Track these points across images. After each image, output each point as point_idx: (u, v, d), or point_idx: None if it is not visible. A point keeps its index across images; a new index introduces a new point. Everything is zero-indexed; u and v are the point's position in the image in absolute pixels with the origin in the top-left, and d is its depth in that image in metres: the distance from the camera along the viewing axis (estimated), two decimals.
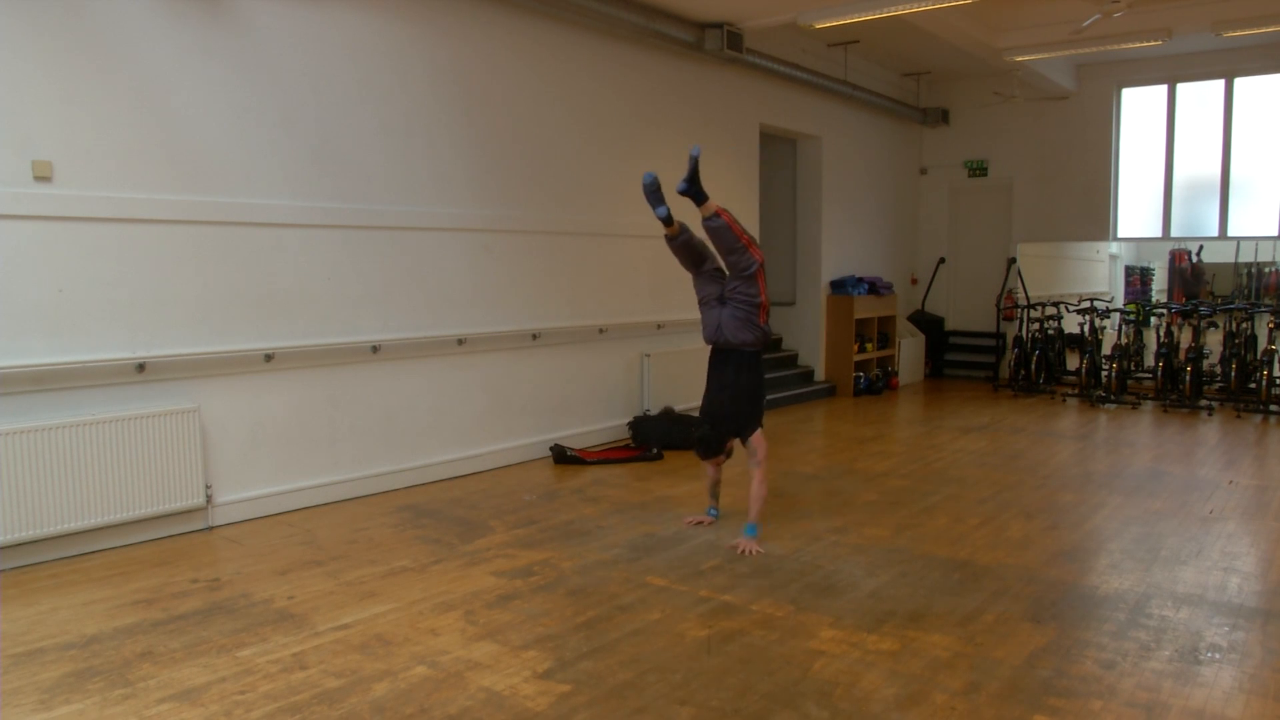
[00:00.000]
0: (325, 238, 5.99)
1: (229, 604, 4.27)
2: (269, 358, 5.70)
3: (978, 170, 12.71)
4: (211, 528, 5.47)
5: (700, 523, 5.51)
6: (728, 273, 5.31)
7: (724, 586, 4.44)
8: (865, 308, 11.20)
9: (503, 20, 7.04)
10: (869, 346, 11.43)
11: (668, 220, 5.26)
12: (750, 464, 5.22)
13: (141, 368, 5.14)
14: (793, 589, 4.40)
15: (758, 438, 5.22)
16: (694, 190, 5.18)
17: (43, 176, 4.79)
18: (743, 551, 4.92)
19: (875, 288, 11.40)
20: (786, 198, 11.26)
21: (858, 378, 11.11)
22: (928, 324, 12.84)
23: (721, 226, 5.16)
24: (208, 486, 5.42)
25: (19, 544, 4.73)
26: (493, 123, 7.03)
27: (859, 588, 4.42)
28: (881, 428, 8.97)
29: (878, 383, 11.31)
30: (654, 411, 8.28)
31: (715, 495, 5.65)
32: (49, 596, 4.37)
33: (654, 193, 5.23)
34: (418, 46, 6.48)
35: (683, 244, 5.35)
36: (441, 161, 6.67)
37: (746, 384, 5.24)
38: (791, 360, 11.18)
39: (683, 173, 5.23)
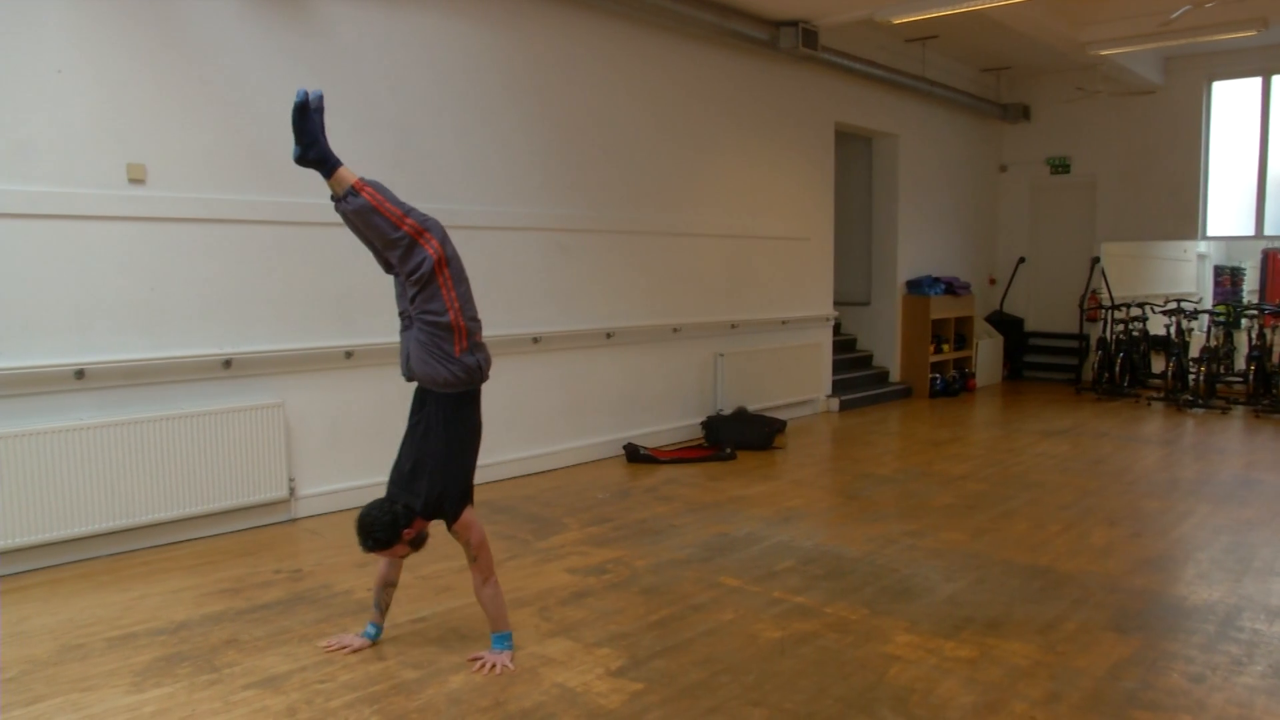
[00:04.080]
0: None
1: (310, 594, 4.37)
2: (349, 355, 5.82)
3: (1060, 167, 12.41)
4: (294, 520, 5.61)
5: (345, 648, 3.74)
6: (401, 276, 3.61)
7: (798, 588, 4.41)
8: (942, 308, 11.02)
9: (578, 21, 7.09)
10: (945, 348, 11.24)
11: (317, 163, 3.47)
12: (467, 558, 3.70)
13: (228, 364, 5.29)
14: (867, 592, 4.36)
15: (466, 521, 3.60)
16: (311, 153, 3.44)
17: (136, 179, 4.96)
18: (491, 668, 3.53)
19: (952, 288, 11.21)
20: (862, 197, 11.13)
21: (934, 379, 10.94)
22: (1007, 325, 12.58)
23: (362, 209, 3.44)
24: (291, 479, 5.56)
25: (113, 532, 4.91)
26: (568, 122, 7.08)
27: (935, 592, 4.35)
28: (958, 430, 8.82)
29: (954, 384, 11.12)
30: (727, 411, 8.26)
31: (380, 605, 3.82)
32: (140, 583, 4.52)
33: (300, 117, 3.42)
34: (494, 48, 6.55)
35: (353, 213, 3.50)
36: (517, 161, 6.74)
37: (440, 439, 3.59)
38: (866, 361, 11.06)
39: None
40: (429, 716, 3.19)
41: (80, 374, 4.81)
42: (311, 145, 3.45)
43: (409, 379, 3.72)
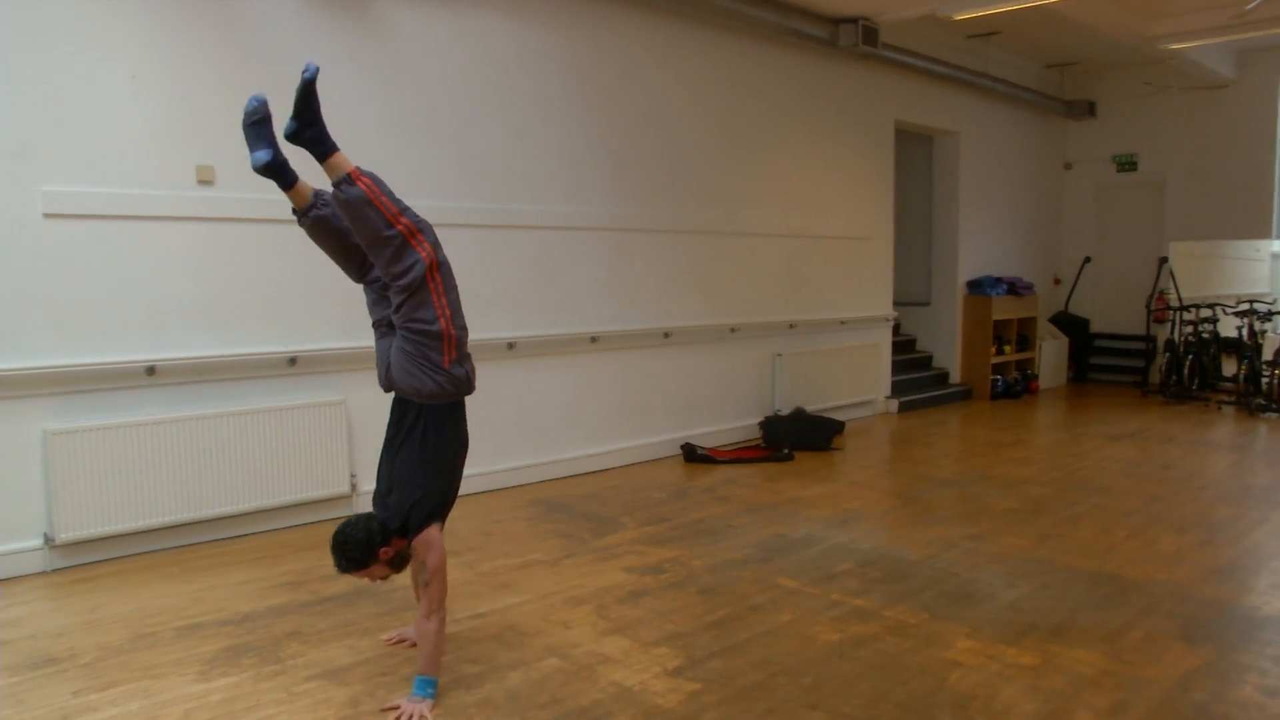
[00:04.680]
0: (463, 236, 6.15)
1: (372, 589, 4.43)
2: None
3: (1127, 165, 12.14)
4: None
5: (405, 641, 3.78)
6: (386, 280, 3.35)
7: (856, 591, 4.37)
8: (1004, 309, 10.85)
9: (638, 21, 7.10)
10: (1008, 349, 11.06)
11: (276, 173, 3.35)
12: (420, 579, 3.48)
13: (293, 361, 5.40)
14: (927, 596, 4.30)
15: (429, 535, 3.31)
16: (309, 133, 3.25)
17: (205, 180, 5.08)
18: (409, 717, 3.15)
19: (1015, 288, 11.03)
20: (922, 195, 11.00)
21: (995, 381, 10.77)
22: (1071, 326, 12.33)
23: (356, 200, 3.19)
24: (352, 475, 5.65)
25: (181, 524, 5.04)
26: (627, 122, 7.10)
27: (997, 598, 4.29)
28: (1020, 433, 8.67)
29: (1016, 386, 10.94)
30: (785, 412, 8.22)
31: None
32: (206, 575, 4.63)
33: (254, 125, 3.33)
34: (554, 49, 6.59)
35: (316, 224, 3.41)
36: (576, 161, 6.77)
37: (418, 451, 3.35)
38: (926, 362, 10.92)
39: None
40: (487, 711, 3.22)
41: (151, 370, 4.94)
42: (312, 123, 3.25)
43: (387, 389, 3.46)
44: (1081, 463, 7.25)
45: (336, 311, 5.60)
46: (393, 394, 3.47)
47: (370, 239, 3.24)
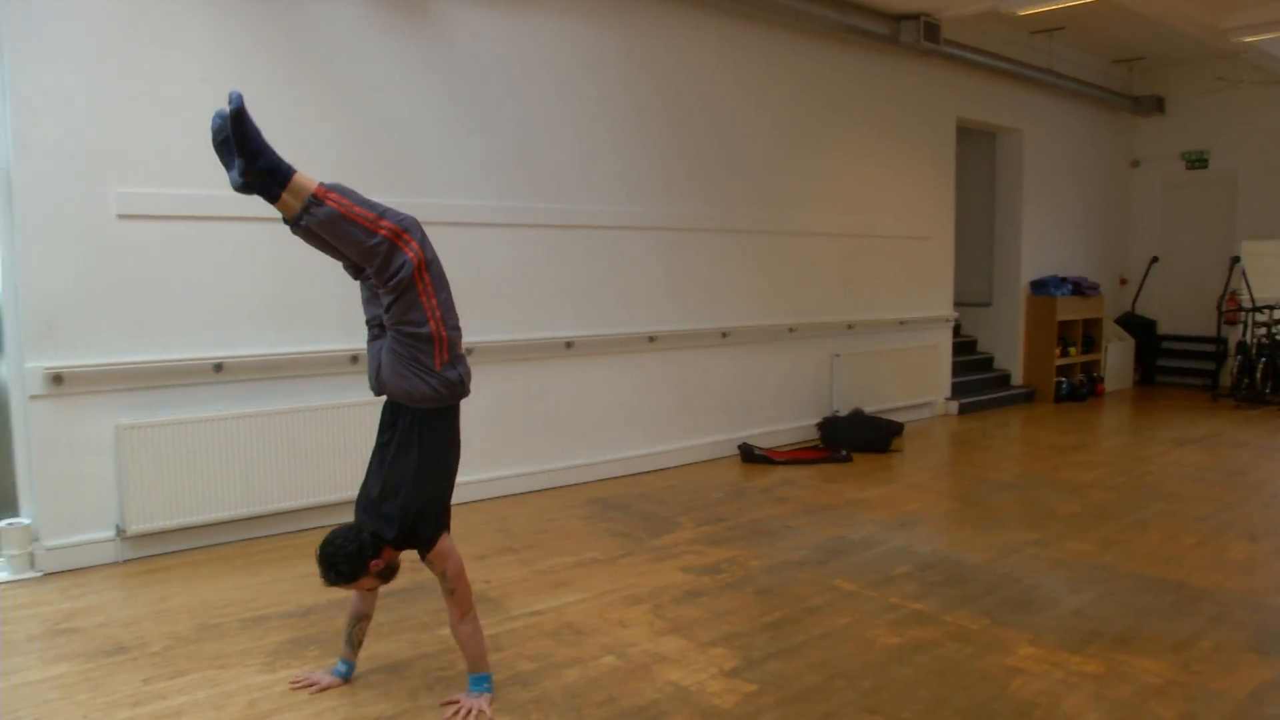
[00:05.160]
0: (523, 236, 6.21)
1: (431, 584, 4.45)
2: (469, 352, 5.94)
3: (1197, 162, 11.83)
4: None
5: (313, 686, 3.40)
6: (375, 284, 3.21)
7: (915, 595, 4.32)
8: (1068, 309, 10.64)
9: (696, 20, 7.09)
10: (1072, 350, 10.85)
11: (267, 173, 3.02)
12: (443, 591, 3.31)
13: (355, 359, 5.48)
14: (988, 601, 4.24)
15: (443, 547, 3.25)
16: (260, 163, 2.98)
17: None
18: (468, 713, 3.17)
19: (1080, 288, 10.81)
20: (984, 194, 10.83)
21: (1059, 383, 10.57)
22: (1138, 327, 12.05)
23: (330, 219, 3.00)
24: None
25: (246, 518, 5.15)
26: (686, 122, 7.09)
27: (1061, 604, 4.21)
28: (1085, 436, 8.50)
29: (1081, 388, 10.73)
30: (843, 412, 8.15)
31: (351, 641, 3.48)
32: (271, 568, 4.72)
33: (224, 144, 3.00)
34: (613, 49, 6.61)
35: (308, 233, 3.12)
36: (636, 161, 6.79)
37: (414, 459, 3.20)
38: (987, 363, 10.76)
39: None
40: (545, 708, 3.24)
41: (219, 367, 5.05)
42: (258, 155, 2.97)
43: (378, 393, 3.32)
44: (1148, 467, 7.09)
45: None
46: (385, 397, 3.31)
47: (357, 252, 3.08)
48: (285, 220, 3.12)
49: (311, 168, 5.30)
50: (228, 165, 3.03)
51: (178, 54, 4.89)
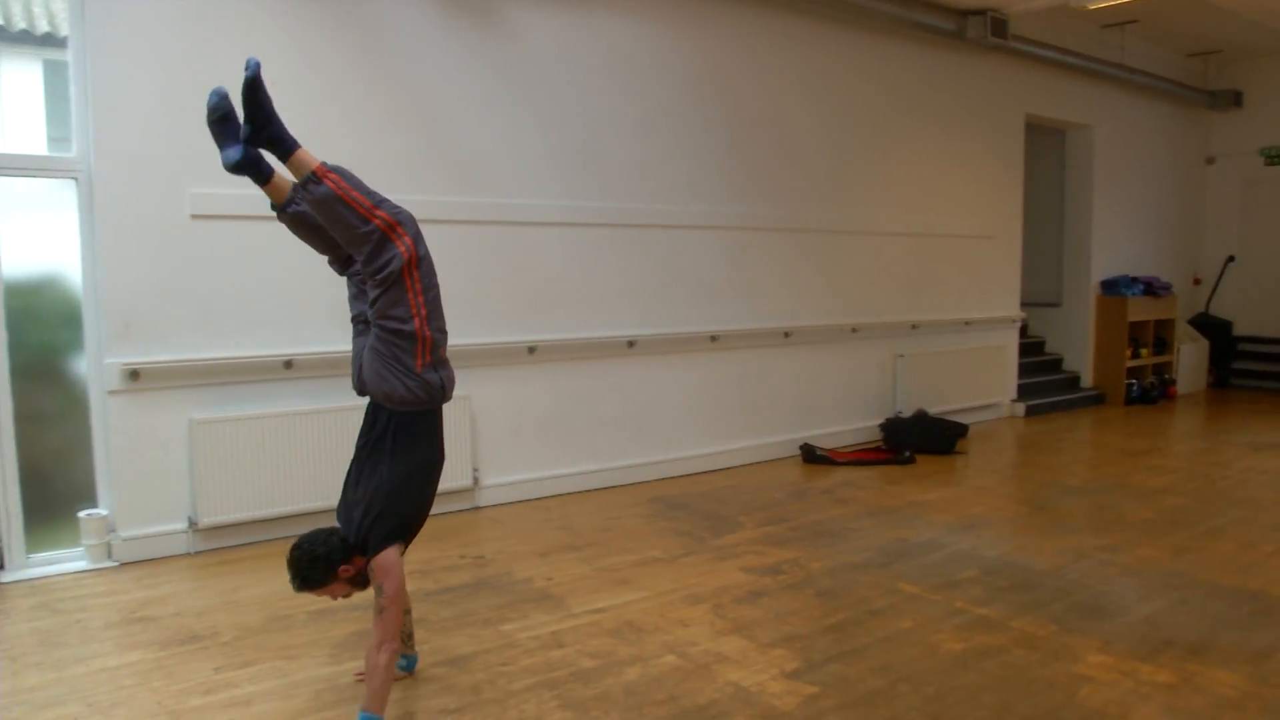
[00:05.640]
0: (587, 235, 6.24)
1: (493, 580, 4.53)
2: (532, 350, 6.00)
3: (1276, 158, 11.45)
4: (477, 508, 5.84)
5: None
6: (365, 275, 3.10)
7: (981, 600, 4.26)
8: (1140, 310, 10.39)
9: (759, 18, 7.06)
10: (1143, 352, 10.59)
11: (249, 170, 3.11)
12: (375, 609, 3.05)
13: None
14: (1056, 608, 4.16)
15: (387, 559, 3.05)
16: (266, 133, 3.01)
17: None
18: None
19: (1151, 288, 10.55)
20: (1053, 192, 10.62)
21: (1130, 385, 10.32)
22: (1213, 328, 11.72)
23: (325, 199, 2.96)
24: (475, 469, 5.79)
25: (315, 512, 5.23)
26: (748, 120, 7.07)
27: (1131, 612, 4.11)
28: (1157, 440, 8.29)
29: (1152, 391, 10.46)
30: (907, 414, 8.05)
31: (404, 637, 3.44)
32: None
33: (219, 122, 3.09)
34: (675, 47, 6.61)
35: (295, 219, 3.19)
36: (698, 159, 6.78)
37: (386, 463, 3.10)
38: (1055, 365, 10.55)
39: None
40: (606, 706, 3.25)
41: (289, 364, 5.16)
42: (267, 123, 2.99)
43: (360, 393, 3.24)
44: (1223, 473, 6.89)
45: (461, 309, 5.72)
46: (368, 399, 3.23)
47: (348, 237, 3.02)
48: (273, 207, 3.12)
49: (378, 167, 5.43)
50: (222, 145, 3.06)
51: (247, 58, 4.99)
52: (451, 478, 5.65)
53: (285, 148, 2.99)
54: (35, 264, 4.78)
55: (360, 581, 3.14)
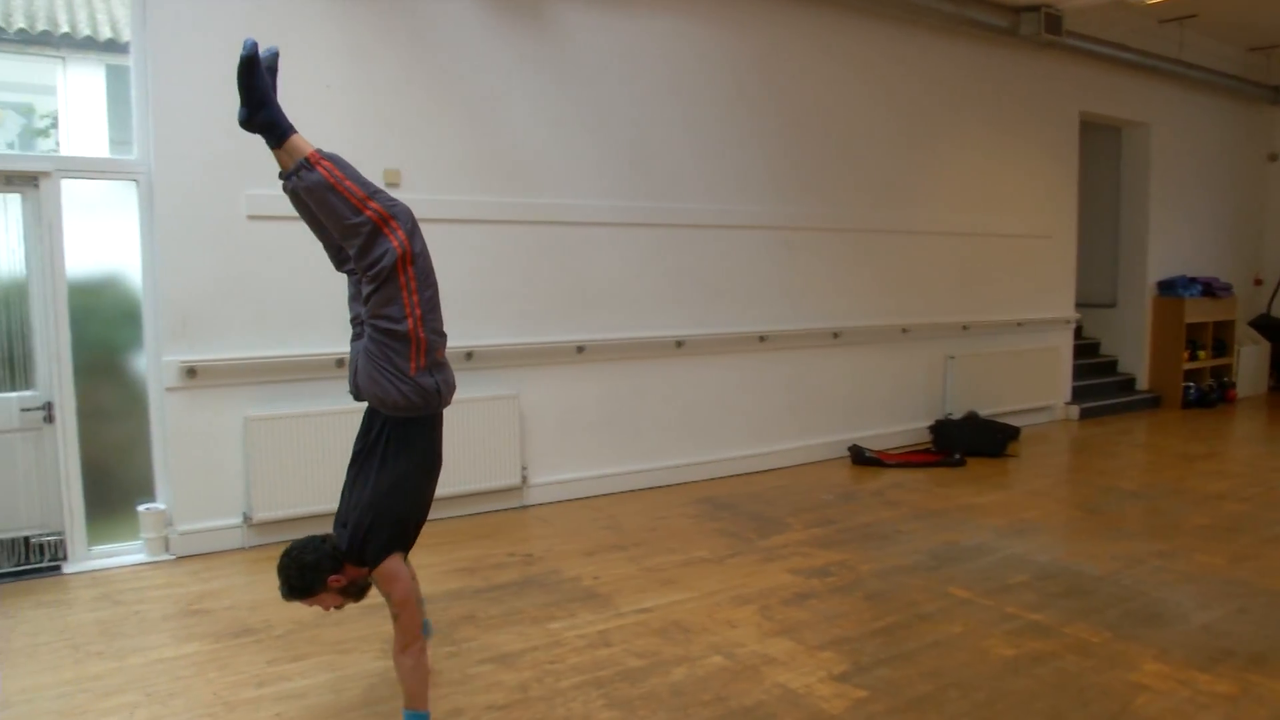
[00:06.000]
0: (635, 236, 6.26)
1: (541, 579, 4.56)
2: (581, 349, 6.03)
3: None
4: (525, 507, 5.87)
5: None
6: (358, 271, 3.00)
7: (1033, 605, 4.20)
8: (1198, 311, 10.17)
9: (810, 17, 7.02)
10: (1201, 354, 10.37)
11: (266, 128, 2.94)
12: (391, 615, 3.02)
13: (470, 355, 5.60)
14: (1111, 614, 4.08)
15: (390, 568, 2.97)
16: (261, 116, 2.92)
17: (392, 183, 5.33)
18: None
19: (1210, 289, 10.32)
20: (1108, 191, 10.43)
21: (1187, 388, 10.11)
22: (1275, 330, 11.44)
23: (316, 186, 2.87)
24: (523, 468, 5.83)
25: None
26: (797, 119, 7.03)
27: (1189, 620, 4.03)
28: (1215, 444, 8.11)
29: (1211, 394, 10.24)
30: (957, 416, 7.96)
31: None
32: None
33: (248, 73, 2.92)
34: (725, 48, 6.60)
35: (296, 196, 3.01)
36: (748, 159, 6.76)
37: (379, 469, 3.02)
38: (1110, 367, 10.36)
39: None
40: (652, 705, 3.25)
41: (340, 362, 5.22)
42: (261, 106, 2.90)
43: (357, 397, 3.09)
44: None
45: (511, 308, 5.78)
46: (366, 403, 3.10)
47: (339, 228, 2.90)
48: (280, 176, 2.98)
49: (431, 167, 5.51)
50: (243, 101, 2.95)
51: (305, 63, 5.07)
52: (500, 476, 5.71)
53: (279, 132, 2.91)
54: (97, 264, 4.90)
55: (353, 592, 3.06)
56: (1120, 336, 10.44)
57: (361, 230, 2.87)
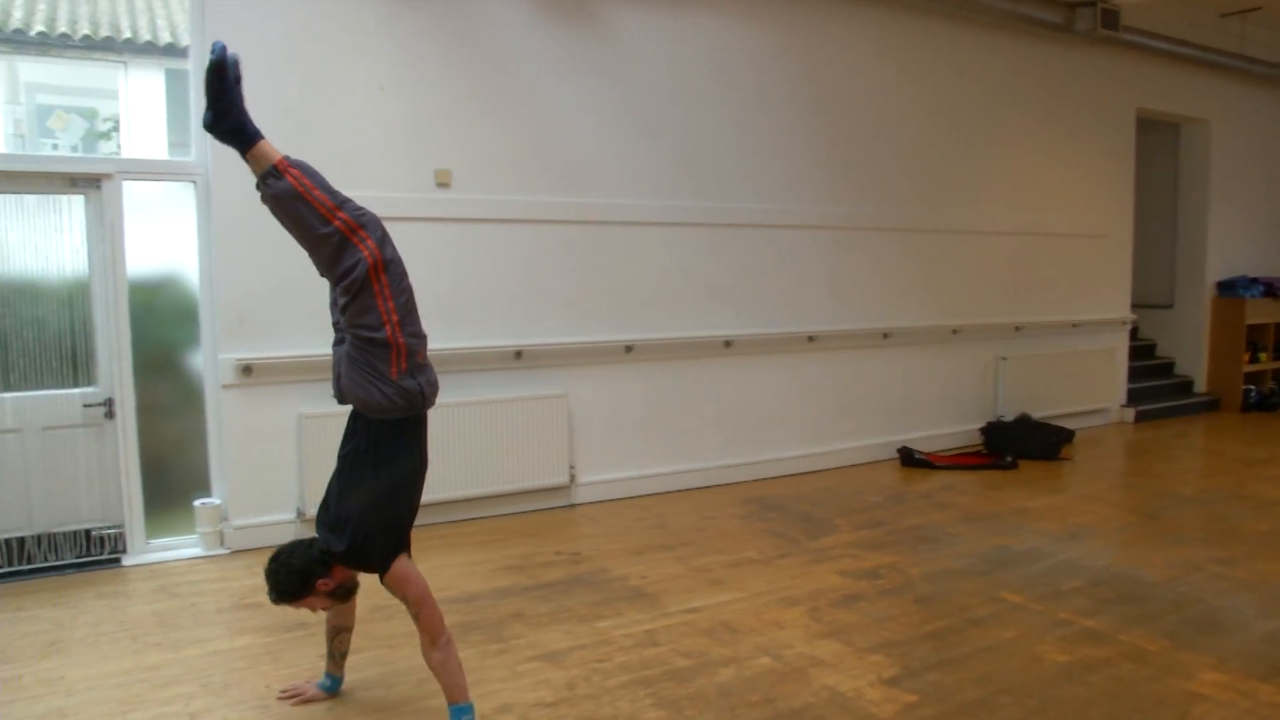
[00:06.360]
0: (684, 235, 6.25)
1: (589, 577, 4.58)
2: (629, 349, 6.04)
3: None
4: (573, 505, 5.90)
5: (299, 697, 3.34)
6: (330, 281, 3.00)
7: (1087, 611, 4.13)
8: (1260, 312, 9.92)
9: (859, 14, 6.97)
10: (1263, 356, 10.11)
11: (232, 134, 2.86)
12: (411, 616, 3.06)
13: (519, 355, 5.64)
14: (1168, 622, 4.00)
15: (400, 571, 3.02)
16: (227, 122, 2.84)
17: (443, 184, 5.39)
18: None
19: (1272, 289, 10.06)
20: (1166, 189, 10.22)
21: (1247, 391, 9.87)
22: None
23: (284, 195, 2.83)
24: (571, 466, 5.85)
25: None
26: (847, 118, 6.98)
27: (1249, 629, 3.93)
28: (1276, 449, 7.91)
29: (1272, 398, 9.98)
30: (1009, 418, 7.85)
31: (333, 653, 3.39)
32: (439, 555, 4.91)
33: (217, 77, 2.80)
34: (774, 45, 6.57)
35: (273, 199, 2.87)
36: (796, 158, 6.72)
37: (369, 473, 3.02)
38: (1167, 369, 10.15)
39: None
40: (699, 705, 3.25)
41: None
42: (227, 112, 2.83)
43: (340, 401, 3.10)
44: None
45: (559, 308, 5.81)
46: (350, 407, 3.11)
47: (306, 238, 2.87)
48: (256, 187, 2.91)
49: (481, 167, 5.55)
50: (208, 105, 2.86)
51: (358, 66, 5.15)
52: (548, 475, 5.73)
53: (245, 138, 2.85)
54: (157, 263, 5.01)
55: (340, 594, 3.11)
56: (1178, 338, 10.23)
57: (330, 240, 2.85)
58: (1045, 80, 8.25)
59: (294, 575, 3.02)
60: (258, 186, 2.88)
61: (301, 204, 2.82)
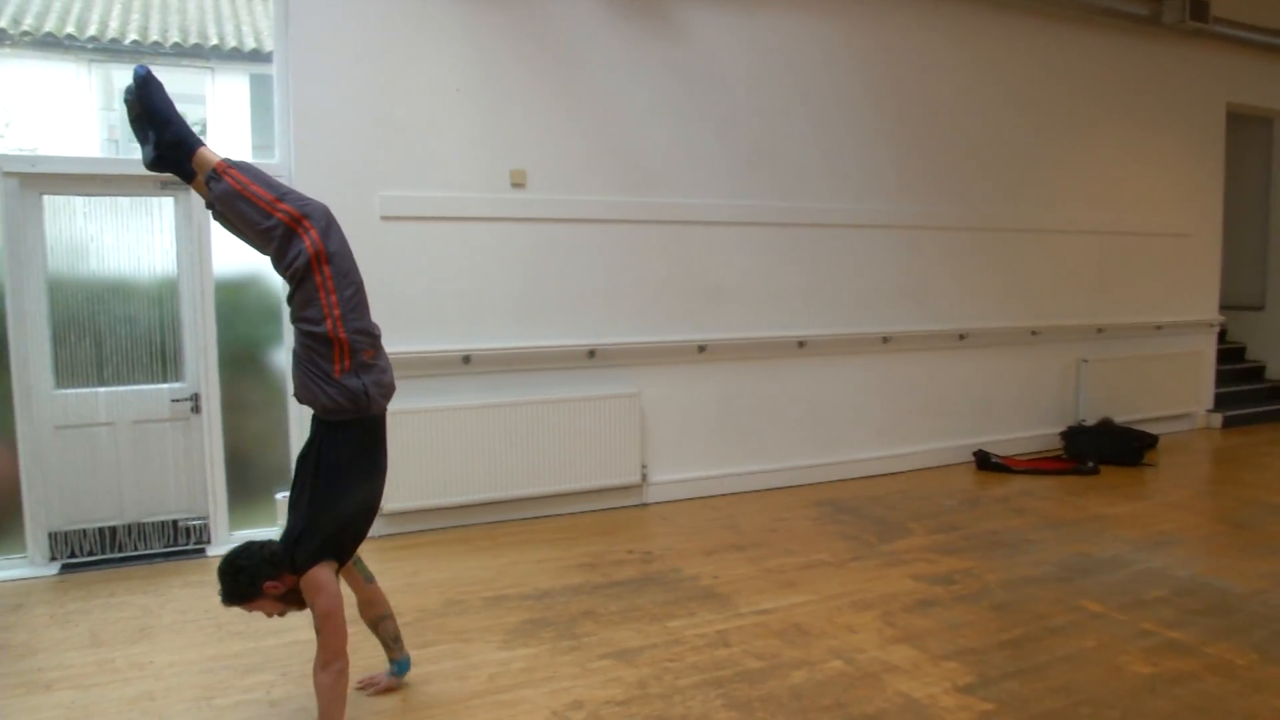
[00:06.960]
0: (757, 235, 6.23)
1: (660, 576, 4.59)
2: (702, 349, 6.03)
3: None
4: (644, 504, 5.91)
5: (374, 686, 3.41)
6: (279, 273, 2.95)
7: (1172, 622, 4.01)
8: None
9: (938, 9, 6.86)
10: None
11: (175, 145, 2.91)
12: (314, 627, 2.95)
13: (592, 354, 5.67)
14: (1258, 635, 3.87)
15: (316, 577, 2.90)
16: (168, 135, 2.88)
17: (518, 184, 5.44)
18: None
19: None
20: (1257, 186, 9.86)
21: None
22: None
23: (226, 195, 2.85)
24: (643, 465, 5.86)
25: (490, 502, 5.44)
26: (925, 115, 6.88)
27: None
28: None
29: None
30: (1090, 422, 7.66)
31: (386, 642, 3.42)
32: (510, 551, 4.96)
33: (136, 120, 2.92)
34: (850, 44, 6.50)
35: (218, 200, 2.91)
36: (872, 157, 6.65)
37: (312, 473, 2.94)
38: (1258, 373, 9.80)
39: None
40: (771, 707, 3.24)
41: (467, 359, 5.36)
42: (166, 124, 2.86)
43: (299, 401, 3.01)
44: None
45: (633, 307, 5.83)
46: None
47: (252, 235, 2.89)
48: (207, 206, 2.97)
49: (556, 168, 5.60)
50: (142, 141, 2.94)
51: (435, 68, 5.23)
52: (620, 473, 5.76)
53: (187, 148, 2.90)
54: (241, 263, 5.14)
55: (293, 599, 3.00)
56: (1269, 340, 9.87)
57: (274, 233, 2.84)
58: (1130, 74, 8.02)
59: (240, 575, 2.92)
60: (207, 206, 2.92)
61: (242, 201, 2.84)
